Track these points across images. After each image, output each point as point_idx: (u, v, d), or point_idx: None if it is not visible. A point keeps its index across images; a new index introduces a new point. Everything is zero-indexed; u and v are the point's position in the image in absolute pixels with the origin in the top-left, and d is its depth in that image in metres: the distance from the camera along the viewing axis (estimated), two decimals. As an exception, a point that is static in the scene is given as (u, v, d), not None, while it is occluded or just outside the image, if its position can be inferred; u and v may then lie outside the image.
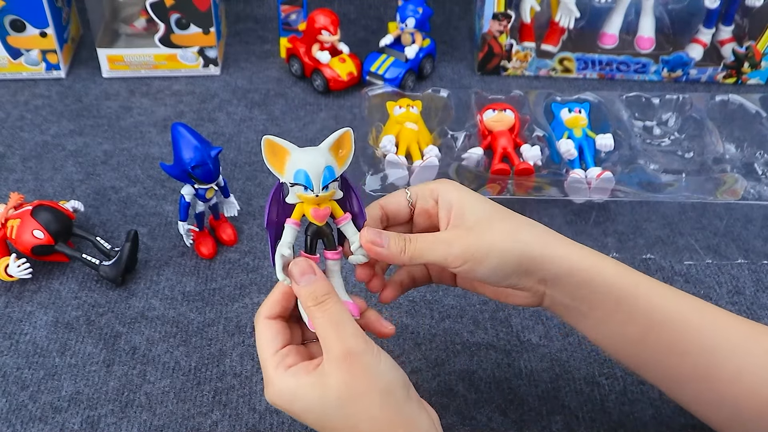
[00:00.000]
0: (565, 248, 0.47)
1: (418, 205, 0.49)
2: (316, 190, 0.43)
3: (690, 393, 0.47)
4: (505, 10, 0.90)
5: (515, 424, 0.56)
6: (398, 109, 0.74)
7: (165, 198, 0.76)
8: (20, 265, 0.65)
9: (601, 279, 0.46)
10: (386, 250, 0.45)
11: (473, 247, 0.45)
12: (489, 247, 0.45)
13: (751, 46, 0.91)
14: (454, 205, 0.47)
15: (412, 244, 0.45)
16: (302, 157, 0.43)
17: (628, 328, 0.46)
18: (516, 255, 0.45)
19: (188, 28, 0.90)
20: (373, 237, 0.45)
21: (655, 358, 0.46)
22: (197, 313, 0.64)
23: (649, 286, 0.47)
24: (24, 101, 0.89)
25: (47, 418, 0.56)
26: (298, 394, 0.43)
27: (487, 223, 0.46)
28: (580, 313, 0.48)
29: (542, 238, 0.47)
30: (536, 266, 0.46)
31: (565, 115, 0.73)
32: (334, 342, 0.42)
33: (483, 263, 0.45)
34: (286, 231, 0.46)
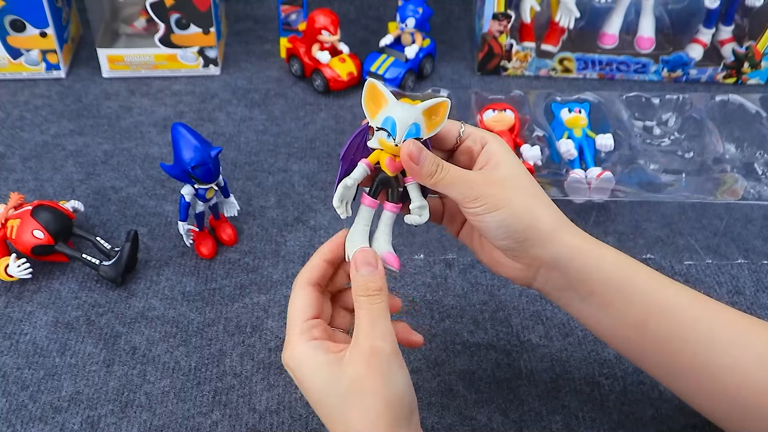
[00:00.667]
0: (571, 235, 0.47)
1: (466, 143, 0.50)
2: (398, 139, 0.45)
3: (689, 383, 0.47)
4: (505, 10, 0.90)
5: (515, 424, 0.56)
6: (398, 109, 0.74)
7: (165, 198, 0.76)
8: (20, 265, 0.65)
9: (601, 265, 0.47)
10: (419, 168, 0.46)
11: (491, 196, 0.46)
12: (505, 201, 0.46)
13: (751, 46, 0.91)
14: (493, 157, 0.48)
15: (442, 172, 0.46)
16: (396, 108, 0.46)
17: (627, 314, 0.47)
18: (524, 222, 0.46)
19: (188, 28, 0.90)
20: (414, 150, 0.46)
21: (654, 346, 0.47)
22: (197, 313, 0.64)
23: (649, 275, 0.47)
24: (24, 101, 0.89)
25: (47, 418, 0.56)
26: (311, 366, 0.44)
27: (513, 183, 0.47)
28: (577, 297, 0.48)
29: (554, 220, 0.47)
30: (539, 241, 0.47)
31: (565, 115, 0.73)
32: (366, 335, 0.43)
33: (493, 213, 0.46)
34: (358, 168, 0.48)
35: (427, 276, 0.68)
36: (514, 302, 0.65)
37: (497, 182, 0.47)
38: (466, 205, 0.47)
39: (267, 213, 0.74)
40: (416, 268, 0.69)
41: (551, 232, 0.47)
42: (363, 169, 0.48)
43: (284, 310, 0.64)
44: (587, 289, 0.47)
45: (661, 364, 0.47)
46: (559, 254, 0.47)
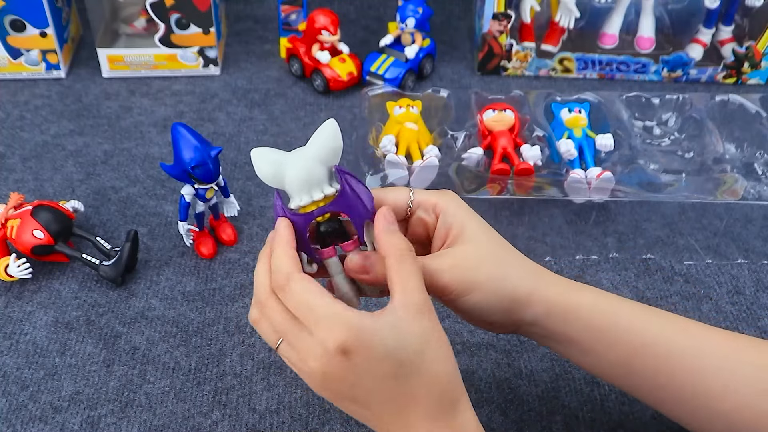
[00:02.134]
0: (545, 290, 0.47)
1: (418, 214, 0.48)
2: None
3: (682, 411, 0.47)
4: (505, 10, 0.90)
5: (515, 424, 0.56)
6: (398, 109, 0.74)
7: (165, 198, 0.76)
8: (20, 265, 0.65)
9: (578, 315, 0.46)
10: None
11: (461, 283, 0.45)
12: (477, 285, 0.45)
13: (751, 46, 0.91)
14: (453, 229, 0.46)
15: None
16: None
17: (610, 355, 0.47)
18: (500, 297, 0.46)
19: (188, 28, 0.90)
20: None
21: (642, 381, 0.47)
22: (197, 313, 0.64)
23: (630, 312, 0.47)
24: (24, 101, 0.89)
25: (47, 418, 0.56)
26: (377, 338, 0.40)
27: (479, 259, 0.46)
28: (558, 344, 0.48)
29: (528, 282, 0.46)
30: (518, 308, 0.46)
31: (565, 115, 0.73)
32: (418, 294, 0.41)
33: (467, 297, 0.45)
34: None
35: (427, 276, 0.68)
36: (514, 302, 0.65)
37: (463, 264, 0.45)
38: (437, 294, 0.45)
39: (267, 213, 0.74)
40: (416, 268, 0.68)
41: (527, 296, 0.46)
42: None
43: (284, 310, 0.64)
44: (567, 338, 0.47)
45: (652, 396, 0.47)
46: (535, 314, 0.46)
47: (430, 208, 0.48)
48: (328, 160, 0.45)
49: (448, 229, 0.47)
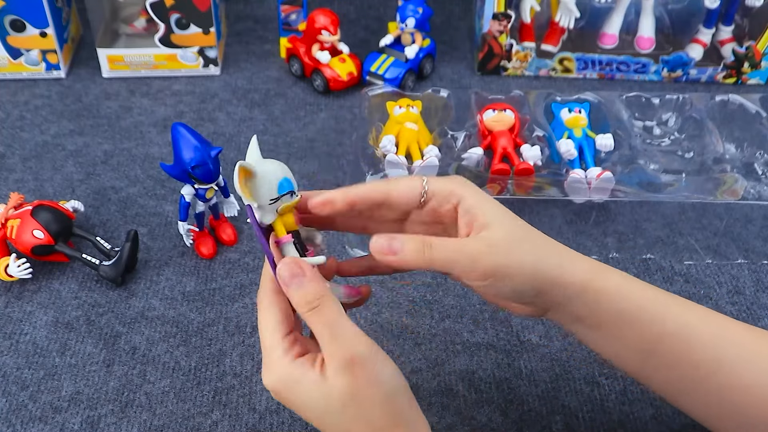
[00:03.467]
0: (576, 267, 0.46)
1: (432, 204, 0.46)
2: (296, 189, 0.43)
3: (699, 403, 0.46)
4: (505, 10, 0.90)
5: (515, 424, 0.56)
6: (398, 109, 0.74)
7: (165, 198, 0.76)
8: (20, 265, 0.65)
9: (607, 297, 0.46)
10: (399, 259, 0.43)
11: (498, 267, 0.43)
12: (514, 268, 0.43)
13: (751, 46, 0.91)
14: (478, 216, 0.45)
15: (432, 251, 0.43)
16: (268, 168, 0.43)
17: (634, 342, 0.46)
18: (537, 278, 0.44)
19: (188, 28, 0.90)
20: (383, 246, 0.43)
21: (663, 371, 0.46)
22: (197, 313, 0.64)
23: (653, 298, 0.47)
24: (24, 101, 0.89)
25: (47, 418, 0.56)
26: (301, 389, 0.41)
27: (511, 240, 0.44)
28: (585, 327, 0.47)
29: (559, 259, 0.45)
30: (551, 288, 0.45)
31: (565, 115, 0.73)
32: (336, 348, 0.40)
33: (504, 282, 0.43)
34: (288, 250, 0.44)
35: (427, 276, 0.68)
36: (514, 302, 0.65)
37: (496, 249, 0.43)
38: (472, 282, 0.44)
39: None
40: (416, 268, 0.68)
41: (559, 276, 0.45)
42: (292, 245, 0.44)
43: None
44: (595, 321, 0.46)
45: (668, 385, 0.47)
46: (566, 295, 0.45)
47: (446, 197, 0.46)
48: None
49: (472, 218, 0.45)
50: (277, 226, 0.44)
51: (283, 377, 0.41)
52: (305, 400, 0.41)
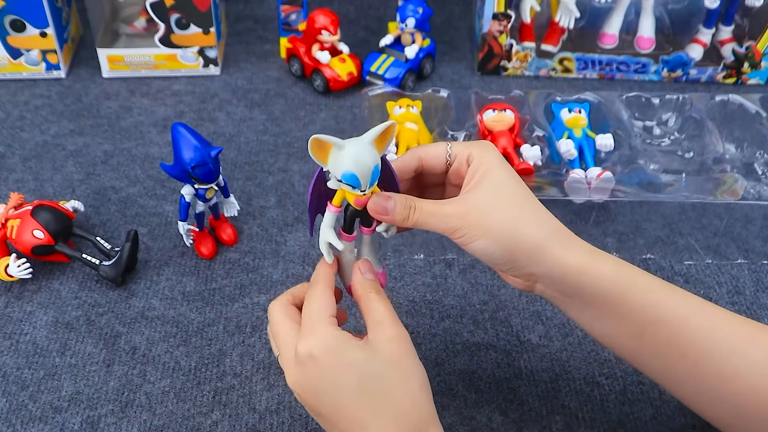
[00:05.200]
0: (563, 250, 0.46)
1: (455, 166, 0.49)
2: (365, 189, 0.45)
3: (689, 391, 0.47)
4: (505, 10, 0.90)
5: (515, 424, 0.56)
6: (398, 109, 0.74)
7: (165, 198, 0.76)
8: (20, 265, 0.65)
9: (595, 281, 0.46)
10: (390, 217, 0.47)
11: (468, 226, 0.46)
12: (484, 229, 0.46)
13: (751, 46, 0.91)
14: (475, 176, 0.47)
15: (415, 213, 0.47)
16: (350, 156, 0.44)
17: (624, 326, 0.46)
18: (508, 246, 0.46)
19: (188, 28, 0.90)
20: (379, 204, 0.46)
21: (652, 357, 0.47)
22: (197, 313, 0.64)
23: (647, 285, 0.47)
24: (24, 101, 0.89)
25: (47, 418, 0.56)
26: (345, 353, 0.44)
27: (492, 205, 0.46)
28: (573, 308, 0.48)
29: (541, 237, 0.46)
30: (528, 261, 0.46)
31: (565, 115, 0.73)
32: (391, 323, 0.45)
33: (474, 242, 0.46)
34: (328, 216, 0.48)
35: (427, 276, 0.68)
36: (514, 302, 0.65)
37: (475, 209, 0.46)
38: (450, 236, 0.47)
39: (267, 213, 0.74)
40: (416, 268, 0.69)
41: (539, 251, 0.46)
42: (332, 216, 0.48)
43: (284, 310, 0.64)
44: (583, 302, 0.47)
45: (660, 372, 0.47)
46: (550, 272, 0.46)
47: (464, 158, 0.49)
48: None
49: (472, 176, 0.47)
50: (337, 195, 0.47)
51: (328, 340, 0.44)
52: (347, 363, 0.44)
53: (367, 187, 0.45)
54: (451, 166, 0.50)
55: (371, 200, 0.46)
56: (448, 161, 0.50)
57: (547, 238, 0.46)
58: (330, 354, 0.44)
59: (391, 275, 0.68)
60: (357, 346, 0.44)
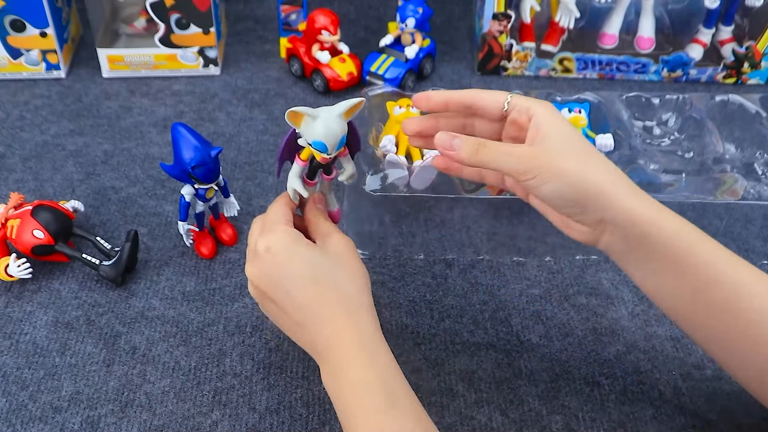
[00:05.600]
0: (631, 198, 0.48)
1: (513, 115, 0.52)
2: (331, 153, 0.52)
3: (739, 356, 0.47)
4: (505, 10, 0.90)
5: (515, 424, 0.56)
6: (398, 109, 0.74)
7: (165, 198, 0.76)
8: (20, 265, 0.65)
9: (659, 234, 0.47)
10: (457, 154, 0.50)
11: (540, 168, 0.48)
12: (556, 171, 0.47)
13: (751, 46, 0.91)
14: (542, 128, 0.49)
15: (485, 149, 0.49)
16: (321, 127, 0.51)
17: (680, 283, 0.47)
18: (579, 189, 0.48)
19: (188, 28, 0.90)
20: (445, 141, 0.50)
21: (706, 317, 0.47)
22: (197, 313, 0.64)
23: (709, 246, 0.48)
24: (24, 101, 0.89)
25: (47, 418, 0.56)
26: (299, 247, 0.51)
27: (564, 151, 0.48)
28: (634, 261, 0.49)
29: (612, 184, 0.48)
30: (597, 207, 0.48)
31: (565, 115, 0.73)
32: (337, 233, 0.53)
33: (546, 184, 0.48)
34: (296, 167, 0.56)
35: (427, 276, 0.68)
36: (514, 302, 0.65)
37: (546, 153, 0.48)
38: (519, 178, 0.48)
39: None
40: (416, 268, 0.69)
41: (608, 196, 0.47)
42: (300, 168, 0.56)
43: (284, 310, 0.64)
44: (644, 254, 0.48)
45: (710, 333, 0.48)
46: (618, 219, 0.48)
47: (524, 111, 0.51)
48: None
49: (538, 129, 0.50)
50: (305, 151, 0.55)
51: (284, 237, 0.51)
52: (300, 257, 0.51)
53: (333, 151, 0.52)
54: (508, 115, 0.52)
55: (438, 137, 0.50)
56: (505, 109, 0.52)
57: (617, 186, 0.48)
58: (285, 249, 0.51)
59: (391, 275, 0.68)
60: (309, 243, 0.52)
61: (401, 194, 0.67)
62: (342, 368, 0.47)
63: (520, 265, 0.69)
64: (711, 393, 0.59)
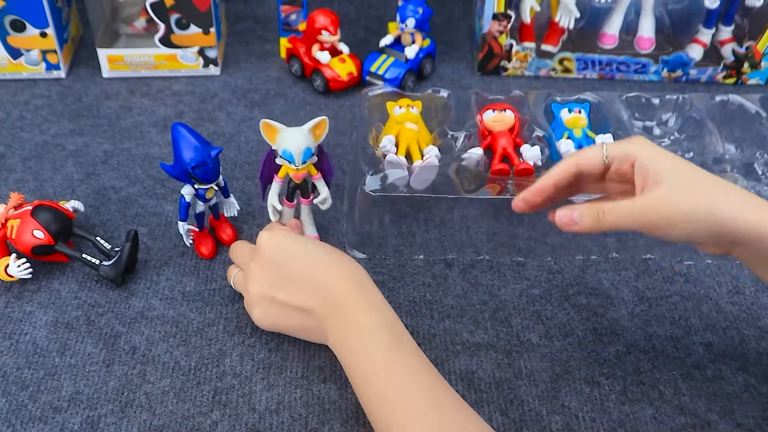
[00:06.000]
0: (757, 213, 0.49)
1: (615, 165, 0.53)
2: (297, 164, 0.61)
3: None
4: (505, 11, 0.90)
5: (515, 424, 0.56)
6: (398, 109, 0.74)
7: (165, 198, 0.76)
8: (20, 265, 0.65)
9: None
10: (580, 227, 0.52)
11: (665, 218, 0.49)
12: (681, 216, 0.49)
13: (750, 46, 0.91)
14: (650, 172, 0.51)
15: (605, 216, 0.51)
16: (289, 138, 0.60)
17: None
18: (708, 224, 0.49)
19: (188, 28, 0.90)
20: (566, 217, 0.53)
21: None
22: (197, 313, 0.64)
23: None
24: (24, 101, 0.89)
25: (47, 418, 0.56)
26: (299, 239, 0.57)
27: (681, 190, 0.49)
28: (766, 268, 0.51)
29: (736, 206, 0.49)
30: (726, 233, 0.49)
31: (565, 115, 0.73)
32: None
33: (673, 230, 0.50)
34: (274, 185, 0.65)
35: (427, 276, 0.68)
36: (514, 302, 0.65)
37: (665, 201, 0.49)
38: (648, 233, 0.50)
39: (267, 213, 0.74)
40: (416, 268, 0.69)
41: (736, 220, 0.48)
42: (278, 185, 0.65)
43: (284, 310, 0.64)
44: None
45: None
46: (749, 237, 0.49)
47: (624, 158, 0.53)
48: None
49: (645, 175, 0.51)
50: (282, 170, 0.64)
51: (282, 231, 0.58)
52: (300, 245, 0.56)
53: (300, 163, 0.61)
54: (610, 166, 0.54)
55: (558, 214, 0.53)
56: (605, 162, 0.54)
57: (741, 208, 0.49)
58: (284, 236, 0.57)
59: (391, 275, 0.68)
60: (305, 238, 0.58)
61: (401, 194, 0.67)
62: (349, 320, 0.52)
63: (520, 265, 0.69)
64: (711, 393, 0.59)
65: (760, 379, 0.60)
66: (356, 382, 0.51)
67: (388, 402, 0.48)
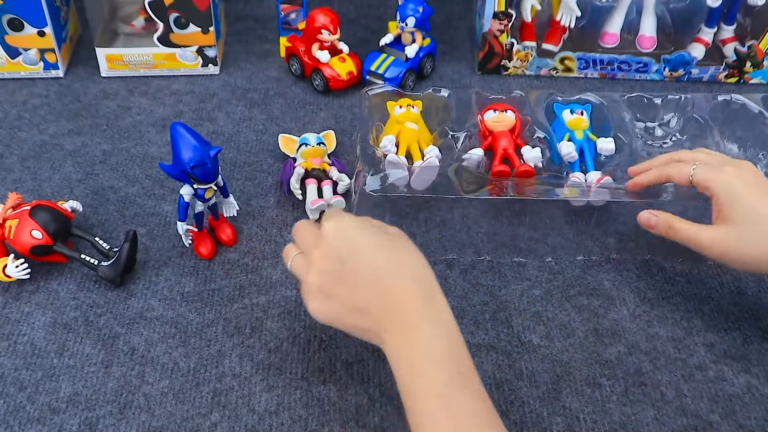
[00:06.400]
0: None
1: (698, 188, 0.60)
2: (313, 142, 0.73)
3: None
4: (505, 9, 0.89)
5: (516, 425, 0.56)
6: (398, 109, 0.73)
7: (164, 198, 0.75)
8: (18, 265, 0.64)
9: None
10: (655, 230, 0.63)
11: (727, 256, 0.57)
12: (746, 260, 0.56)
13: (753, 45, 0.91)
14: (724, 208, 0.57)
15: (673, 232, 0.61)
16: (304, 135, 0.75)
17: None
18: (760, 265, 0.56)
19: (187, 27, 0.90)
20: (646, 219, 0.63)
21: None
22: (196, 314, 0.64)
23: None
24: (22, 101, 0.89)
25: (45, 420, 0.56)
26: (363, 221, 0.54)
27: (751, 236, 0.56)
28: None
29: None
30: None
31: (567, 116, 0.73)
32: None
33: (737, 266, 0.58)
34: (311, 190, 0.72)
35: (427, 276, 0.67)
36: (515, 303, 0.65)
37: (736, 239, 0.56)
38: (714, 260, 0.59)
39: (266, 213, 0.74)
40: (416, 269, 0.68)
41: None
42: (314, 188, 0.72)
43: (284, 311, 0.64)
44: None
45: None
46: None
47: (704, 188, 0.59)
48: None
49: (719, 210, 0.58)
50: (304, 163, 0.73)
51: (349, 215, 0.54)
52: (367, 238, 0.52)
53: (315, 142, 0.74)
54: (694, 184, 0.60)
55: (640, 216, 0.64)
56: (690, 182, 0.60)
57: None
58: (351, 226, 0.52)
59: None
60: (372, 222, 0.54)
61: (401, 194, 0.67)
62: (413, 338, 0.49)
63: (520, 265, 0.69)
64: (713, 394, 0.58)
65: (763, 380, 0.60)
66: (405, 392, 0.48)
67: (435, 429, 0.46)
